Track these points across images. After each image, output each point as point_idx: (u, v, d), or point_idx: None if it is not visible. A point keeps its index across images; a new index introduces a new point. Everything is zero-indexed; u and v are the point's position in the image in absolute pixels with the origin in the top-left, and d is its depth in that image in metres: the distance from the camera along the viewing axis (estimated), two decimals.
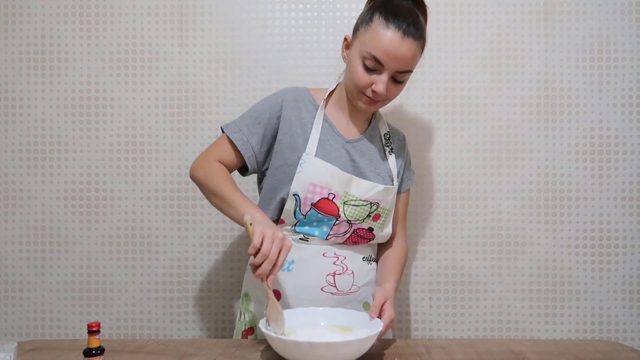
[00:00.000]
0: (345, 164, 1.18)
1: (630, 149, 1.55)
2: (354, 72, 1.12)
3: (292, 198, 1.14)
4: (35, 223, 1.58)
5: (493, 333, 1.57)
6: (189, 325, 1.58)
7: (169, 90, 1.57)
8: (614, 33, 1.55)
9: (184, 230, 1.57)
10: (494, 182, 1.56)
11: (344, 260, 1.16)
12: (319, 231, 1.15)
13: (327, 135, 1.19)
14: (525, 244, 1.56)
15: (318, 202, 1.13)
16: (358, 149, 1.21)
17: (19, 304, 1.58)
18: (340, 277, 1.15)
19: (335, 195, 1.14)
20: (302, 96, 1.22)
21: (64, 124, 1.58)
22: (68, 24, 1.57)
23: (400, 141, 1.31)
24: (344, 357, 0.89)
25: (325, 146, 1.18)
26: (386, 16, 1.08)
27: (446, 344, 1.08)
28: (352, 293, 1.16)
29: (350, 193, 1.15)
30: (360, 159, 1.20)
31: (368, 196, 1.16)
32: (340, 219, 1.14)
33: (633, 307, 1.56)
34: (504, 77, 1.56)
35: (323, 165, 1.14)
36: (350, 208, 1.15)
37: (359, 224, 1.17)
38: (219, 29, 1.57)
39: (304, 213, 1.14)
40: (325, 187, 1.13)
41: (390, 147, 1.26)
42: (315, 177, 1.13)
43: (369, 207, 1.16)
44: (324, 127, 1.20)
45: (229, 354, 1.01)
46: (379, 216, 1.18)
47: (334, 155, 1.17)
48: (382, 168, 1.23)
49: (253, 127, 1.18)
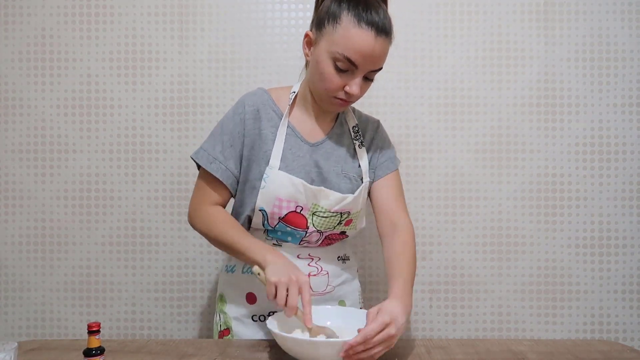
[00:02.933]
0: (310, 172, 1.12)
1: (630, 149, 1.55)
2: (324, 74, 1.05)
3: (259, 213, 1.10)
4: (35, 223, 1.58)
5: (493, 333, 1.57)
6: (189, 325, 1.58)
7: (169, 90, 1.57)
8: (614, 33, 1.55)
9: (184, 230, 1.57)
10: (494, 182, 1.56)
11: (319, 262, 1.16)
12: (291, 237, 1.14)
13: (290, 143, 1.13)
14: (525, 244, 1.56)
15: (286, 216, 1.10)
16: (323, 151, 1.16)
17: (19, 304, 1.58)
18: (315, 278, 1.14)
19: (303, 208, 1.10)
20: (262, 103, 1.15)
21: (64, 124, 1.58)
22: (68, 24, 1.57)
23: (372, 130, 1.23)
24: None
25: (288, 156, 1.12)
26: (356, 13, 1.01)
27: (446, 344, 1.08)
28: (327, 293, 1.16)
29: (319, 205, 1.10)
30: (326, 163, 1.15)
31: (337, 208, 1.11)
32: (309, 230, 1.11)
33: (633, 307, 1.56)
34: (504, 77, 1.56)
35: (288, 179, 1.08)
36: (319, 219, 1.11)
37: (330, 232, 1.15)
38: (219, 29, 1.57)
39: (273, 226, 1.12)
40: (292, 200, 1.09)
41: (360, 141, 1.20)
42: (281, 191, 1.08)
43: (339, 217, 1.13)
44: (288, 134, 1.13)
45: (229, 354, 1.01)
46: (351, 221, 1.16)
47: (297, 163, 1.12)
48: (349, 168, 1.17)
49: (227, 152, 1.12)
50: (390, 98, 1.56)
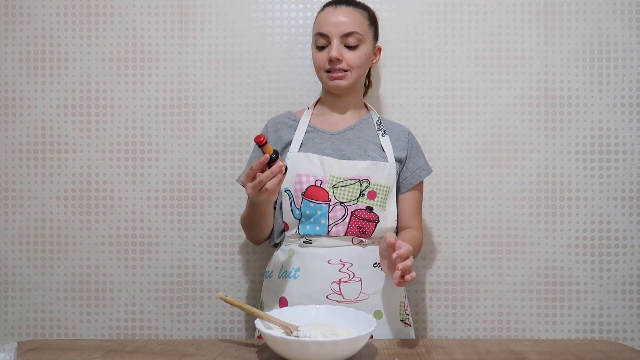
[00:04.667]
0: (331, 153, 1.21)
1: (630, 149, 1.55)
2: (313, 59, 1.25)
3: (285, 195, 1.17)
4: (35, 223, 1.58)
5: (493, 333, 1.57)
6: (189, 325, 1.58)
7: (169, 90, 1.57)
8: (614, 33, 1.55)
9: (184, 230, 1.57)
10: (494, 182, 1.56)
11: (351, 267, 1.15)
12: (319, 226, 1.15)
13: (311, 135, 1.25)
14: (525, 244, 1.56)
15: (307, 191, 1.16)
16: (346, 138, 1.24)
17: (19, 304, 1.58)
18: (347, 284, 1.14)
19: (323, 181, 1.16)
20: (282, 118, 1.32)
21: (64, 124, 1.58)
22: (68, 24, 1.57)
23: (402, 133, 1.30)
24: (335, 356, 0.89)
25: (309, 142, 1.23)
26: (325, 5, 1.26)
27: (446, 344, 1.08)
28: (360, 301, 1.15)
29: (336, 175, 1.17)
30: (348, 147, 1.22)
31: (354, 174, 1.17)
32: (332, 202, 1.16)
33: (633, 307, 1.56)
34: (504, 77, 1.56)
35: (305, 156, 1.19)
36: (339, 190, 1.17)
37: (354, 205, 1.16)
38: (219, 29, 1.57)
39: (299, 207, 1.16)
40: (310, 175, 1.16)
41: (382, 130, 1.28)
42: (300, 167, 1.17)
43: (358, 185, 1.16)
44: (308, 131, 1.26)
45: (229, 354, 1.01)
46: (375, 194, 1.17)
47: (318, 147, 1.22)
48: (372, 149, 1.23)
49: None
50: (390, 98, 1.56)
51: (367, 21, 1.25)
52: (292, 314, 1.04)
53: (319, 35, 1.22)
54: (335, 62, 1.20)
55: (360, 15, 1.23)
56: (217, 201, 1.57)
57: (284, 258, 1.22)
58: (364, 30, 1.23)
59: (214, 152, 1.57)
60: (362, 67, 1.24)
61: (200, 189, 1.57)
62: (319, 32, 1.22)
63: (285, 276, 1.20)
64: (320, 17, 1.24)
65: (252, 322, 1.54)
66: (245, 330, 1.57)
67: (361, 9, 1.25)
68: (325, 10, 1.24)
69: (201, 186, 1.57)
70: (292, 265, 1.20)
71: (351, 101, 1.30)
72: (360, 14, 1.24)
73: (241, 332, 1.57)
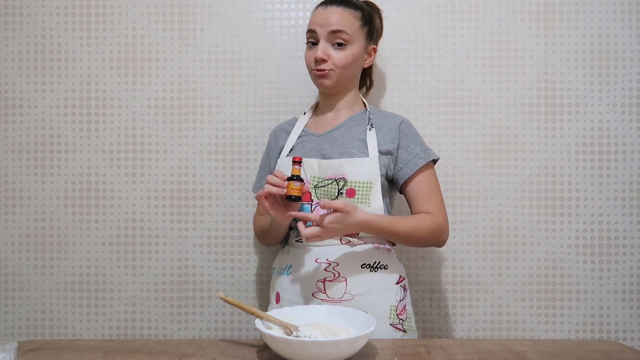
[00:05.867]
0: (314, 155, 1.23)
1: (630, 149, 1.55)
2: (304, 57, 1.30)
3: None
4: (35, 223, 1.58)
5: (493, 333, 1.57)
6: (189, 325, 1.58)
7: (169, 90, 1.57)
8: (614, 33, 1.55)
9: (184, 230, 1.57)
10: (494, 182, 1.56)
11: (336, 267, 1.16)
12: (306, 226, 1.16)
13: (302, 139, 1.29)
14: (525, 244, 1.56)
15: None
16: (331, 138, 1.25)
17: (19, 304, 1.58)
18: (331, 283, 1.15)
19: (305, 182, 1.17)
20: (282, 127, 1.37)
21: (64, 124, 1.58)
22: (68, 24, 1.57)
23: (394, 124, 1.27)
24: (335, 356, 0.89)
25: (297, 147, 1.27)
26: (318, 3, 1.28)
27: (446, 344, 1.08)
28: (345, 301, 1.15)
29: (316, 176, 1.20)
30: (331, 147, 1.23)
31: (330, 173, 1.19)
32: (314, 202, 1.19)
33: (633, 307, 1.56)
34: (504, 77, 1.56)
35: (289, 160, 1.22)
36: (320, 190, 1.20)
37: None
38: (219, 29, 1.57)
39: None
40: None
41: (370, 124, 1.26)
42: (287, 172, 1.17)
43: (335, 184, 1.18)
44: (301, 135, 1.30)
45: (229, 354, 1.01)
46: (354, 191, 1.17)
47: (302, 150, 1.26)
48: (356, 146, 1.22)
49: (261, 172, 1.38)
50: (391, 98, 1.56)
51: (359, 21, 1.24)
52: (292, 314, 1.04)
53: (308, 33, 1.25)
54: (319, 62, 1.22)
55: (350, 15, 1.23)
56: (217, 201, 1.57)
57: (283, 255, 1.28)
58: (354, 30, 1.22)
59: (214, 152, 1.57)
60: (348, 67, 1.23)
61: (200, 189, 1.57)
62: (308, 30, 1.25)
63: (281, 273, 1.25)
64: (312, 16, 1.27)
65: (252, 322, 1.54)
66: (245, 330, 1.57)
67: (353, 9, 1.24)
68: (317, 9, 1.26)
69: (201, 186, 1.57)
70: (287, 262, 1.24)
71: (343, 100, 1.30)
72: (350, 13, 1.23)
73: (241, 332, 1.57)
